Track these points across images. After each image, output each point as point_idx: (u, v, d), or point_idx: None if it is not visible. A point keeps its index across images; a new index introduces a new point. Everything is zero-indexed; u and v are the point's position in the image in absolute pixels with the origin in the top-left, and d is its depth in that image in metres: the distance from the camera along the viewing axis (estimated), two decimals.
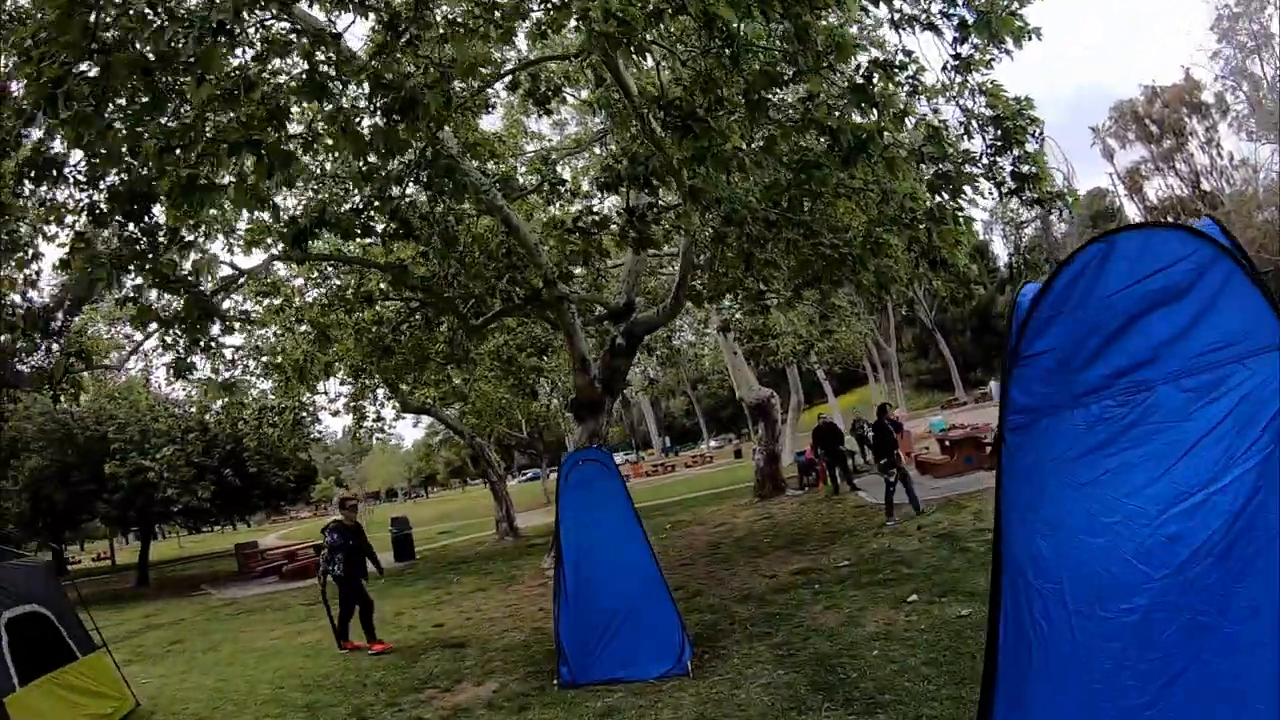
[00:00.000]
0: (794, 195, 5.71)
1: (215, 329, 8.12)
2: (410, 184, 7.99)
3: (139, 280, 6.88)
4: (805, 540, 10.71)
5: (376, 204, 7.82)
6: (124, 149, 4.78)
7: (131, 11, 4.36)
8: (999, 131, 5.61)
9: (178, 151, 4.76)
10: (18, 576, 6.78)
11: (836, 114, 5.17)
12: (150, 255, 6.61)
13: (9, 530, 19.89)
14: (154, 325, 7.39)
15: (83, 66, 4.39)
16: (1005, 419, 2.84)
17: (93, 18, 4.19)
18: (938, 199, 5.49)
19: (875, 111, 4.98)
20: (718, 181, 5.66)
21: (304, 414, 16.48)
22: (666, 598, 6.23)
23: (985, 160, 5.74)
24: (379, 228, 8.25)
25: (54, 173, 5.79)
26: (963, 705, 4.22)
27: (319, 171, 9.24)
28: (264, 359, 13.40)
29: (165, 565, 31.60)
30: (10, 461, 19.75)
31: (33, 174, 5.69)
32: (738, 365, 18.14)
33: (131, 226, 6.31)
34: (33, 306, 12.46)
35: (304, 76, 5.02)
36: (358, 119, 5.51)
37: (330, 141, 6.02)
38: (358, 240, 10.45)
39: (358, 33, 39.76)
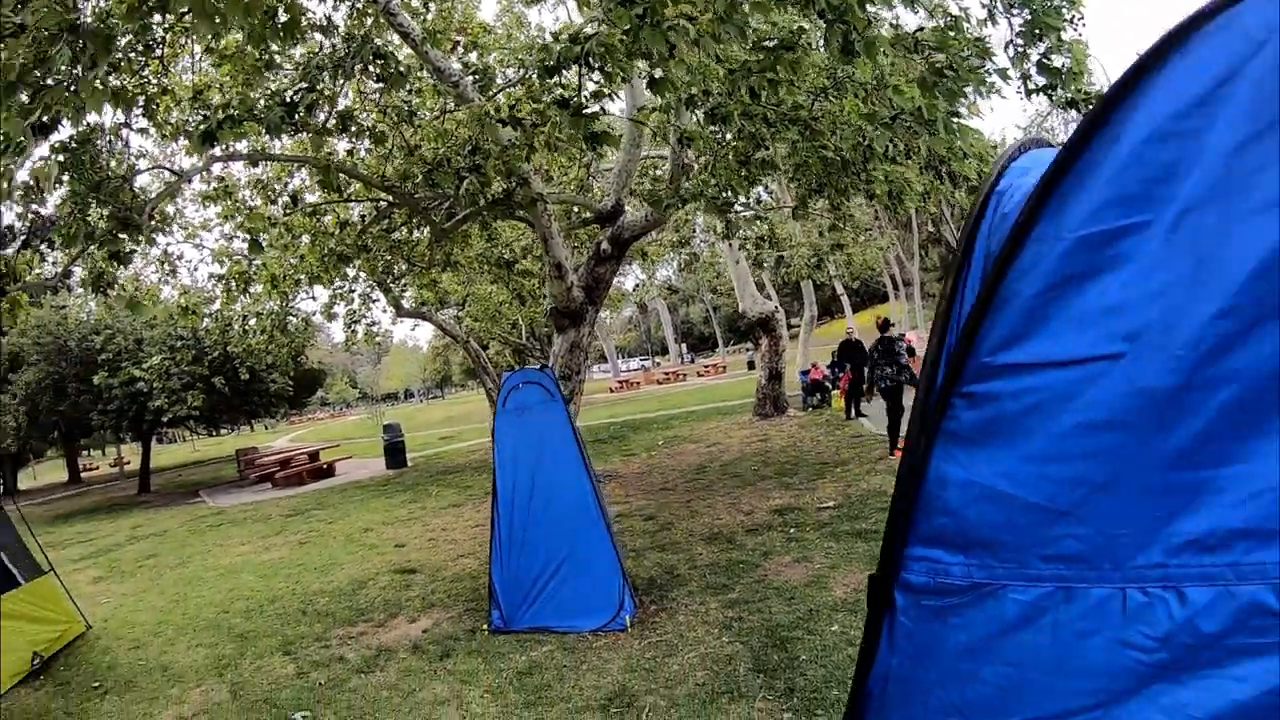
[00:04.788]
0: (760, 82, 4.66)
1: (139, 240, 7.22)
2: (351, 72, 6.96)
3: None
4: (794, 471, 10.09)
5: (303, 95, 6.76)
6: None
7: None
8: (1029, 15, 4.52)
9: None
10: None
11: None
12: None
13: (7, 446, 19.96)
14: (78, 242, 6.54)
15: None
16: None
17: None
18: (926, 98, 4.42)
19: None
20: (669, 65, 4.70)
21: (289, 319, 15.53)
22: (609, 546, 5.64)
23: (1012, 50, 4.64)
24: (319, 120, 7.27)
25: None
26: None
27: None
28: (212, 269, 12.68)
29: (172, 471, 32.31)
30: (8, 376, 19.65)
31: None
32: (741, 275, 17.05)
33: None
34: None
35: None
36: None
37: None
38: (294, 137, 9.05)
39: None
